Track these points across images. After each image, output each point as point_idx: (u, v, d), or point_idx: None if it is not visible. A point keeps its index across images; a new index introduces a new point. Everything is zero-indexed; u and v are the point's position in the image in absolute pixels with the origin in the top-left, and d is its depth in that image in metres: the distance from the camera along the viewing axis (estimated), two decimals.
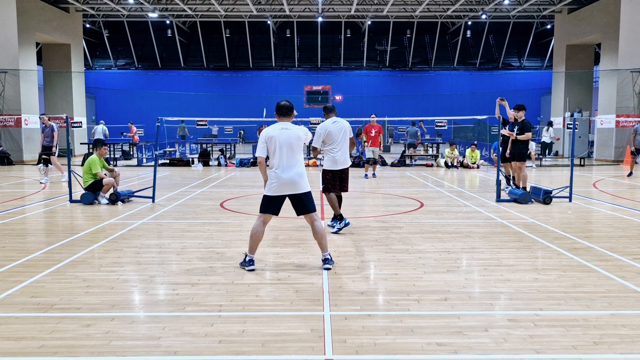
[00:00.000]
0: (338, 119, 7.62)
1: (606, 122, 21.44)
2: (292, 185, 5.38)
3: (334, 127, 7.45)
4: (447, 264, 5.69)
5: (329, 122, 7.51)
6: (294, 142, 5.39)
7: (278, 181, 5.36)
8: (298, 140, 5.43)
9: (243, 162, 19.13)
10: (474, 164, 18.08)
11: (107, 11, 30.35)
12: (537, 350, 3.52)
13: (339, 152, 7.42)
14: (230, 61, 40.40)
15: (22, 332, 3.84)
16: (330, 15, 33.05)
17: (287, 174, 5.34)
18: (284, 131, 5.41)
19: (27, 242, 6.82)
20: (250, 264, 5.42)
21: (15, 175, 15.78)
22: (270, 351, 3.51)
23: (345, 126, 7.56)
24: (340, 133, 7.45)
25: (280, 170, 5.34)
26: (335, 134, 7.42)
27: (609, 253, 6.11)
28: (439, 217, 8.55)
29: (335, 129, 7.44)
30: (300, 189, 5.41)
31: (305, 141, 5.56)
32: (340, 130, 7.46)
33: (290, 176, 5.35)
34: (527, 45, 39.07)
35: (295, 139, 5.41)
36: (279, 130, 5.42)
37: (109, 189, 10.10)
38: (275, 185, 5.37)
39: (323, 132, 7.41)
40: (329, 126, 7.44)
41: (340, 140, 7.44)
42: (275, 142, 5.36)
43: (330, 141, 7.42)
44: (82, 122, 24.44)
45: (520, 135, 10.36)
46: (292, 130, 5.44)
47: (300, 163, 5.46)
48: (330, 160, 7.49)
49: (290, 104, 5.69)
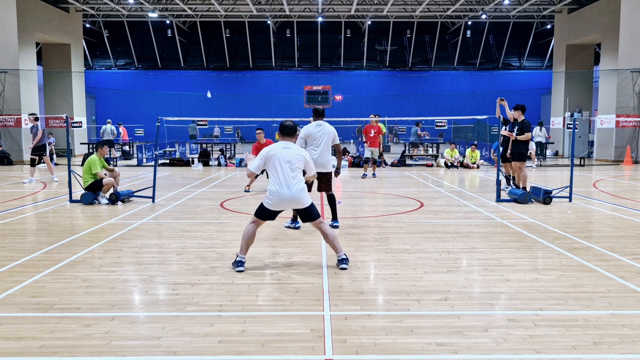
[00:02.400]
0: (324, 123, 7.70)
1: (606, 122, 21.43)
2: (294, 202, 5.51)
3: (316, 129, 7.56)
4: (447, 264, 5.69)
5: (312, 124, 7.64)
6: (294, 160, 5.52)
7: (279, 197, 5.44)
8: (298, 158, 5.56)
9: (243, 162, 19.12)
10: (474, 164, 18.08)
11: (107, 11, 30.34)
12: (537, 350, 3.52)
13: (317, 155, 7.41)
14: (230, 61, 40.40)
15: (22, 332, 3.84)
16: (330, 15, 33.04)
17: (288, 191, 5.43)
18: (286, 150, 5.56)
19: (27, 242, 6.82)
20: (239, 264, 5.42)
21: (15, 175, 15.78)
22: (270, 351, 3.51)
23: (329, 131, 7.62)
24: (321, 137, 7.53)
25: (280, 187, 5.43)
26: (316, 137, 7.51)
27: (609, 253, 6.11)
28: (439, 217, 8.55)
29: (317, 132, 7.54)
30: (302, 204, 5.54)
31: (305, 163, 5.63)
32: (322, 134, 7.55)
33: (292, 193, 5.44)
34: (527, 45, 39.07)
35: (296, 157, 5.55)
36: (281, 149, 5.56)
37: (109, 189, 10.10)
38: (275, 200, 5.47)
39: (304, 134, 7.56)
40: (311, 128, 7.56)
41: (319, 143, 7.51)
42: (276, 159, 5.48)
43: (310, 144, 7.53)
44: (82, 122, 24.44)
45: (520, 136, 10.36)
46: (293, 150, 5.62)
47: (300, 180, 5.55)
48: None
49: (294, 125, 5.86)
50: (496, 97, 11.38)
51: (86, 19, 32.81)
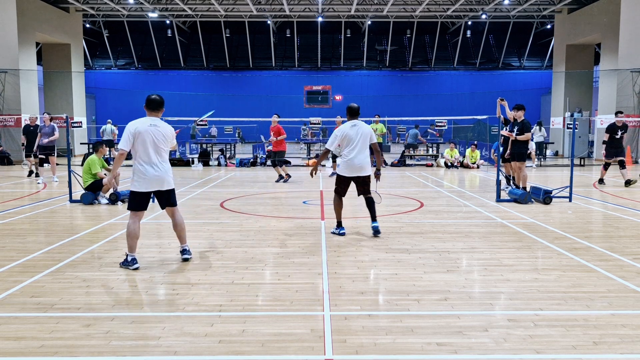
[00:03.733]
0: (359, 122, 7.20)
1: (606, 122, 21.36)
2: (160, 182, 5.51)
3: (352, 130, 7.09)
4: (447, 264, 5.69)
5: (347, 124, 7.15)
6: (160, 140, 5.48)
7: (146, 177, 5.45)
8: (164, 139, 5.52)
9: (243, 162, 19.13)
10: (474, 164, 18.08)
11: (107, 11, 30.34)
12: (537, 350, 3.52)
13: (354, 158, 7.03)
14: (230, 61, 40.38)
15: (22, 332, 3.84)
16: (330, 15, 33.04)
17: (155, 171, 5.45)
18: (152, 127, 5.48)
19: (27, 242, 6.82)
20: (134, 262, 5.45)
21: (15, 175, 15.78)
22: (270, 351, 3.51)
23: (365, 130, 7.13)
24: (358, 137, 7.05)
25: (149, 166, 5.44)
26: (352, 138, 7.05)
27: (609, 253, 6.11)
28: (439, 217, 8.55)
29: (353, 132, 7.07)
30: (167, 186, 5.58)
31: (171, 143, 5.62)
32: (358, 134, 7.07)
33: (159, 174, 5.47)
34: (527, 45, 39.05)
35: (161, 136, 5.49)
36: (148, 126, 5.47)
37: (109, 188, 10.10)
38: (143, 180, 5.46)
39: (340, 135, 7.10)
40: (346, 129, 7.09)
41: (356, 144, 7.04)
42: (144, 137, 5.41)
43: (346, 145, 7.08)
44: (82, 122, 24.45)
45: (519, 136, 10.36)
46: (159, 127, 5.52)
47: (166, 160, 5.58)
48: (343, 165, 7.16)
49: (161, 99, 5.69)
50: (496, 97, 11.38)
51: (86, 19, 32.80)
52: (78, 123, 21.60)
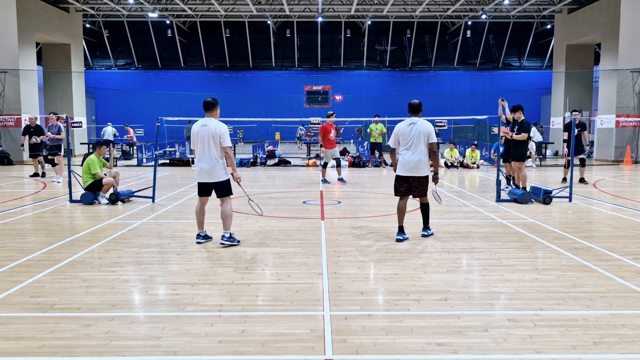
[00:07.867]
0: (418, 120, 6.86)
1: (606, 122, 21.43)
2: (208, 174, 6.39)
3: (407, 128, 6.81)
4: (447, 264, 5.69)
5: (405, 122, 6.90)
6: (208, 138, 6.29)
7: (199, 170, 6.43)
8: (211, 137, 6.29)
9: (243, 162, 19.12)
10: (474, 164, 18.08)
11: (107, 11, 30.32)
12: (537, 350, 3.52)
13: (406, 157, 6.79)
14: (230, 61, 40.38)
15: (22, 332, 3.84)
16: (330, 15, 33.04)
17: (204, 165, 6.36)
18: (202, 128, 6.35)
19: (27, 242, 6.82)
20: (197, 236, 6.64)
21: (15, 175, 15.78)
22: (270, 351, 3.51)
23: (422, 129, 6.76)
24: (413, 136, 6.74)
25: (200, 161, 6.39)
26: (407, 136, 6.78)
27: (609, 253, 6.11)
28: (439, 217, 8.54)
29: (408, 131, 6.79)
30: (214, 179, 6.39)
31: (221, 139, 6.32)
32: (414, 132, 6.75)
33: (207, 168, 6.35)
34: (527, 45, 39.05)
35: (209, 135, 6.29)
36: (199, 126, 6.38)
37: (109, 189, 10.10)
38: (198, 173, 6.48)
39: (395, 133, 6.94)
40: (402, 126, 6.87)
41: (410, 143, 6.76)
42: (196, 136, 6.37)
43: (402, 144, 6.86)
44: (82, 122, 24.40)
45: (517, 135, 10.37)
46: (209, 127, 6.33)
47: (216, 156, 6.33)
48: (398, 164, 6.95)
49: (213, 100, 6.56)
50: (496, 97, 11.38)
51: (86, 19, 32.80)
52: (78, 123, 21.52)
